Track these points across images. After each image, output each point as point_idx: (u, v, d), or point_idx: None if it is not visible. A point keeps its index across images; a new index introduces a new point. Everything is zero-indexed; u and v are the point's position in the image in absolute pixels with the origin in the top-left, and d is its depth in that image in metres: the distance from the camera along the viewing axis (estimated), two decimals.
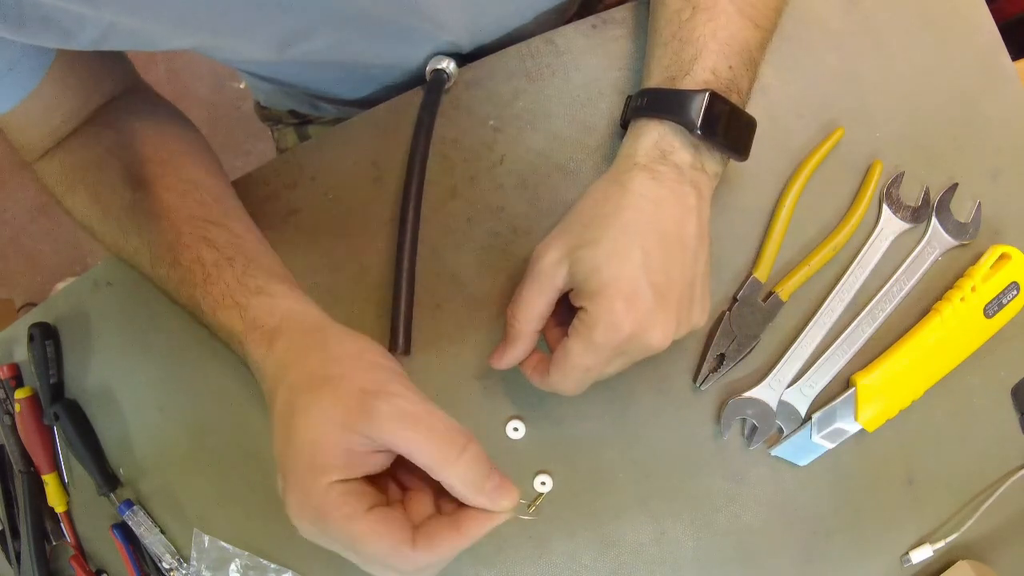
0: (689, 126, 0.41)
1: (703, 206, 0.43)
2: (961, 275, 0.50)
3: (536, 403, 0.50)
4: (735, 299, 0.50)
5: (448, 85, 0.52)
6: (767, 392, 0.49)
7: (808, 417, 0.50)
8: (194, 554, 0.52)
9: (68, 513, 0.56)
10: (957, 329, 0.49)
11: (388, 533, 0.34)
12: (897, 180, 0.51)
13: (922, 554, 0.50)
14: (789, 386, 0.50)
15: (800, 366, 0.50)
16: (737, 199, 0.51)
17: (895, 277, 0.50)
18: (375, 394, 0.35)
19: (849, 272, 0.50)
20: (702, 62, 0.43)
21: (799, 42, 0.52)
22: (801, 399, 0.50)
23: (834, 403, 0.49)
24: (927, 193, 0.51)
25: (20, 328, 0.56)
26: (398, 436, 0.34)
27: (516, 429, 0.50)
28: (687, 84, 0.42)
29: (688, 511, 0.50)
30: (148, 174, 0.47)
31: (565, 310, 0.43)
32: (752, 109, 0.45)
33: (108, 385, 0.55)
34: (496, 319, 0.51)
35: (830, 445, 0.49)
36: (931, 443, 0.51)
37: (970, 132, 0.52)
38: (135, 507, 0.53)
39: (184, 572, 0.53)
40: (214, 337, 0.45)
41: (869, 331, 0.50)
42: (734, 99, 0.43)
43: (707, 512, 0.50)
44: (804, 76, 0.52)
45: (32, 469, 0.56)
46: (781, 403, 0.50)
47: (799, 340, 0.50)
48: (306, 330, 0.41)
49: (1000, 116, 0.52)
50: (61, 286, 1.40)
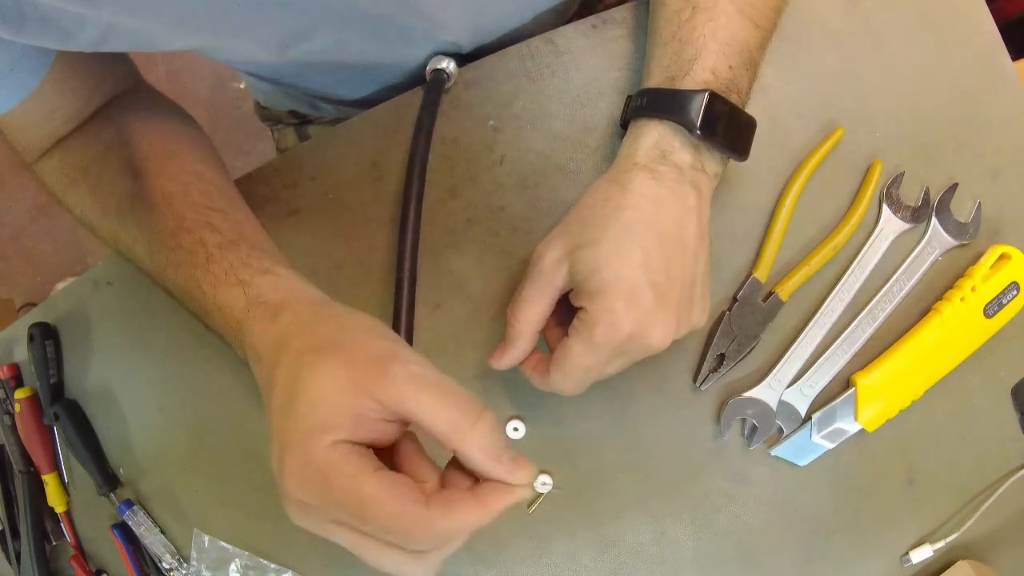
0: (689, 126, 0.41)
1: (703, 206, 0.43)
2: (961, 275, 0.50)
3: (536, 403, 0.50)
4: (735, 299, 0.50)
5: (448, 85, 0.52)
6: (767, 392, 0.49)
7: (808, 417, 0.50)
8: (194, 554, 0.52)
9: (68, 513, 0.56)
10: (957, 329, 0.49)
11: (399, 493, 0.31)
12: (897, 180, 0.51)
13: (922, 554, 0.50)
14: (789, 386, 0.50)
15: (800, 366, 0.50)
16: (737, 199, 0.51)
17: (895, 277, 0.50)
18: (390, 359, 0.33)
19: (849, 272, 0.50)
20: (702, 62, 0.43)
21: (799, 42, 0.52)
22: (801, 399, 0.50)
23: (834, 403, 0.49)
24: (927, 193, 0.51)
25: (20, 328, 0.56)
26: (413, 400, 0.32)
27: (516, 429, 0.50)
28: (687, 84, 0.42)
29: (688, 511, 0.50)
30: (149, 167, 0.47)
31: (565, 310, 0.43)
32: (752, 109, 0.45)
33: (108, 385, 0.55)
34: (496, 319, 0.51)
35: (830, 445, 0.49)
36: (931, 443, 0.51)
37: (970, 132, 0.52)
38: (135, 507, 0.53)
39: (184, 572, 0.53)
40: (207, 327, 0.44)
41: (869, 331, 0.50)
42: (734, 99, 0.43)
43: (707, 512, 0.50)
44: (804, 76, 0.52)
45: (32, 469, 0.56)
46: (781, 403, 0.50)
47: (799, 340, 0.50)
48: (313, 303, 0.40)
49: (1000, 116, 0.52)
50: (61, 286, 1.40)
